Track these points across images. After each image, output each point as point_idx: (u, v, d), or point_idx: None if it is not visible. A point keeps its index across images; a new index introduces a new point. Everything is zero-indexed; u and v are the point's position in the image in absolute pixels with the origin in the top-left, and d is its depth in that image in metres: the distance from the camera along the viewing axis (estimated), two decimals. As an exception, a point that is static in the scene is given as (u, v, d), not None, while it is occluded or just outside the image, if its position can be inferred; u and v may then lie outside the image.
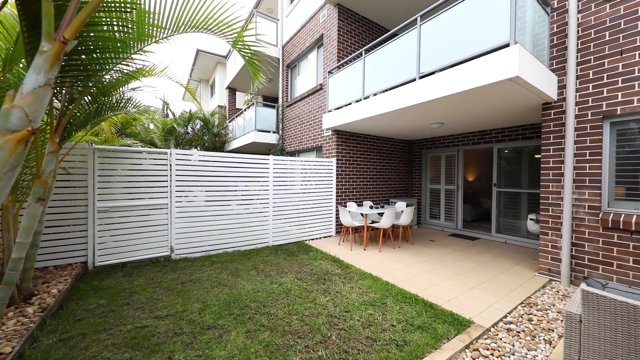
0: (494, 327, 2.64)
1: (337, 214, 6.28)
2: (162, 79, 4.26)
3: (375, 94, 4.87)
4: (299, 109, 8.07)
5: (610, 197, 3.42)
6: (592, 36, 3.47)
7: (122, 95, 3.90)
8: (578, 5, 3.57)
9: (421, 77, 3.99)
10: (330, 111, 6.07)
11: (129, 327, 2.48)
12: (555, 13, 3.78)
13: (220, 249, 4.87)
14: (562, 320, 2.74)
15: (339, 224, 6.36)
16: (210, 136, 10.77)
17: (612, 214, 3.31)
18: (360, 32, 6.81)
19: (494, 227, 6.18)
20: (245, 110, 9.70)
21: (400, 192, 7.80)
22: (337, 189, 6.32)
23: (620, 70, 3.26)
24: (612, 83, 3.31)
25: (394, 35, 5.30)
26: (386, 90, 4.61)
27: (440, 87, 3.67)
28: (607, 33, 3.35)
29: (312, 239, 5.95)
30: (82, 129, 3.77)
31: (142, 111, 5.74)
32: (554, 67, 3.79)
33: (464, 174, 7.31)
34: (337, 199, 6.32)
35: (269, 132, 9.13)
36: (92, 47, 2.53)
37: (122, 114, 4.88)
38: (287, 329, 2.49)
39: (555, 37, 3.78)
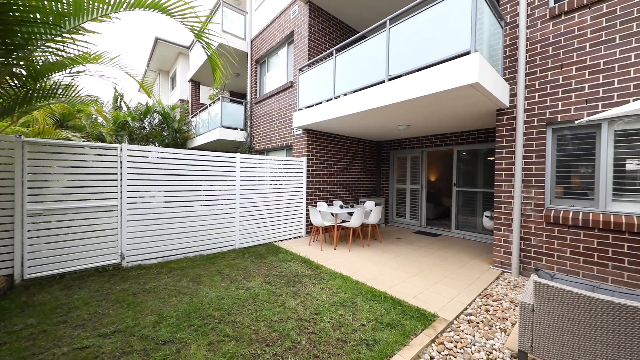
0: (456, 320, 2.78)
1: (308, 214, 6.21)
2: (115, 69, 3.76)
3: (345, 94, 4.88)
4: (269, 106, 7.83)
5: (552, 195, 3.82)
6: (538, 50, 3.84)
7: (58, 82, 3.37)
8: (527, 21, 3.93)
9: (390, 80, 4.08)
10: (300, 109, 5.97)
11: (65, 350, 2.13)
12: (508, 27, 4.12)
13: (181, 254, 4.50)
14: (514, 309, 2.98)
15: (309, 224, 6.29)
16: (170, 132, 9.98)
17: (553, 211, 3.70)
18: (331, 32, 6.82)
19: (453, 224, 6.60)
20: (210, 105, 9.17)
21: (369, 192, 7.98)
22: (307, 188, 6.24)
23: (560, 82, 3.65)
24: (554, 93, 3.70)
25: (364, 37, 5.38)
26: (357, 90, 4.65)
27: (407, 90, 3.78)
28: (550, 48, 3.73)
29: (281, 240, 5.80)
30: (7, 117, 3.18)
31: (88, 102, 5.08)
32: (507, 76, 4.14)
33: (427, 175, 7.71)
34: (307, 199, 6.24)
35: (236, 129, 8.73)
36: (11, 15, 2.10)
37: (61, 103, 4.25)
38: (254, 337, 2.34)
39: (507, 49, 4.13)
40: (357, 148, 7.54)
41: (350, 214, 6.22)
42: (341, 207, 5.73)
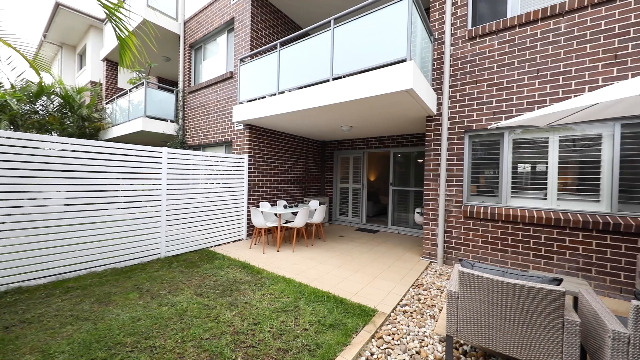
0: (393, 312, 2.91)
1: (249, 215, 5.83)
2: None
3: (290, 90, 4.73)
4: (205, 97, 7.11)
5: (468, 193, 4.41)
6: (459, 66, 4.38)
7: None
8: (451, 39, 4.44)
9: (334, 79, 4.09)
10: (242, 103, 5.56)
11: None
12: (436, 42, 4.59)
13: (85, 269, 3.65)
14: (440, 296, 3.30)
15: (250, 226, 5.92)
16: (75, 119, 8.17)
17: (469, 206, 4.27)
18: (276, 25, 6.57)
19: (390, 220, 7.12)
20: (130, 91, 7.83)
21: (313, 191, 8.00)
22: (249, 188, 5.86)
23: (475, 95, 4.24)
24: (471, 105, 4.27)
25: (307, 34, 5.32)
26: (301, 87, 4.54)
27: (350, 91, 3.85)
28: (468, 65, 4.30)
29: (219, 245, 5.29)
30: None
31: None
32: (435, 87, 4.61)
33: (368, 175, 8.15)
34: (249, 199, 5.86)
35: (165, 120, 7.68)
36: None
37: None
38: (179, 362, 2.00)
39: (436, 62, 4.60)
40: (302, 147, 7.47)
41: (295, 213, 6.10)
42: (285, 207, 5.55)
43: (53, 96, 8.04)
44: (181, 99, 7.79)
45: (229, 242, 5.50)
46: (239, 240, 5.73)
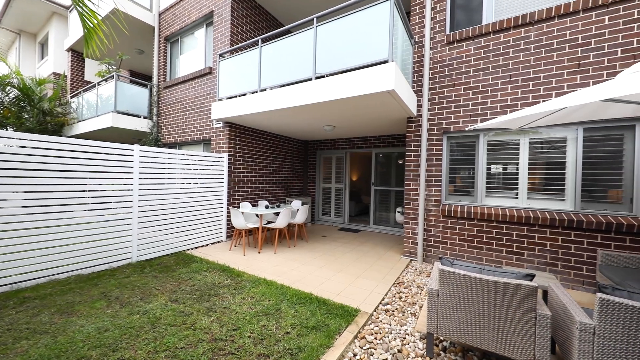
0: (375, 311, 2.93)
1: (229, 216, 5.65)
2: None
3: (272, 88, 4.62)
4: (182, 92, 6.80)
5: (446, 192, 4.55)
6: (438, 69, 4.51)
7: None
8: (430, 43, 4.56)
9: (317, 78, 4.06)
10: (221, 100, 5.36)
11: None
12: (416, 45, 4.70)
13: (44, 277, 3.34)
14: (420, 293, 3.37)
15: (230, 227, 5.73)
16: (35, 113, 7.50)
17: (447, 205, 4.41)
18: (257, 22, 6.42)
19: (371, 219, 7.21)
20: (99, 84, 7.32)
21: (296, 191, 7.92)
22: (229, 188, 5.67)
23: (453, 98, 4.38)
24: (449, 107, 4.41)
25: (290, 32, 5.25)
26: (284, 85, 4.46)
27: (333, 90, 3.83)
28: (446, 69, 4.43)
29: (196, 247, 5.07)
30: None
31: None
32: (415, 89, 4.71)
33: (350, 174, 8.21)
34: (229, 199, 5.67)
35: (138, 116, 7.25)
36: None
37: None
38: (151, 374, 1.86)
39: (416, 65, 4.71)
40: (285, 146, 7.36)
41: (277, 214, 5.99)
42: (267, 207, 5.43)
43: (9, 87, 7.33)
44: (155, 94, 7.40)
45: (207, 245, 5.29)
46: (219, 242, 5.53)
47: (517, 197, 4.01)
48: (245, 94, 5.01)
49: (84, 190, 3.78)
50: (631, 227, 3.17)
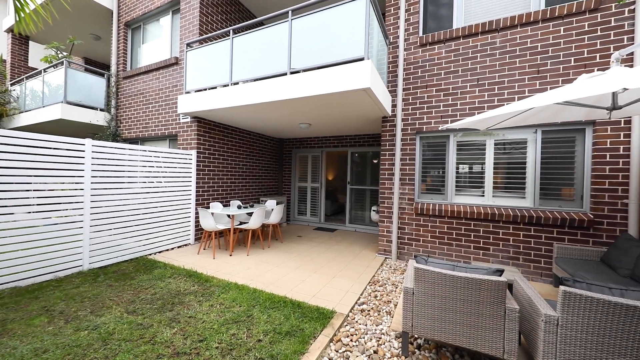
0: (351, 312, 2.88)
1: (198, 217, 5.30)
2: None
3: (245, 82, 4.40)
4: (145, 83, 6.27)
5: (419, 191, 4.66)
6: (412, 70, 4.60)
7: None
8: (404, 44, 4.64)
9: (292, 73, 3.92)
10: (188, 92, 5.01)
11: None
12: (391, 46, 4.75)
13: (-31, 292, 2.84)
14: (395, 291, 3.39)
15: (199, 229, 5.39)
16: (-36, 101, 6.48)
17: (419, 204, 4.51)
18: (229, 12, 6.10)
19: (347, 218, 7.23)
20: (46, 71, 6.51)
21: (271, 190, 7.69)
22: (197, 187, 5.32)
23: (425, 99, 4.49)
24: (421, 108, 4.52)
25: (262, 24, 5.05)
26: (257, 79, 4.26)
27: (308, 86, 3.72)
28: (419, 70, 4.53)
29: (160, 252, 4.68)
30: None
31: None
32: (390, 89, 4.77)
33: (326, 173, 8.16)
34: (198, 200, 5.32)
35: (94, 108, 6.56)
36: None
37: None
38: (98, 401, 1.62)
39: (390, 65, 4.76)
40: (259, 144, 7.11)
41: (250, 214, 5.75)
42: (239, 207, 5.18)
43: None
44: (114, 84, 6.74)
45: (173, 248, 4.92)
46: (186, 245, 5.17)
47: (483, 195, 4.21)
48: (215, 87, 4.72)
49: (28, 190, 3.31)
50: (582, 222, 3.46)
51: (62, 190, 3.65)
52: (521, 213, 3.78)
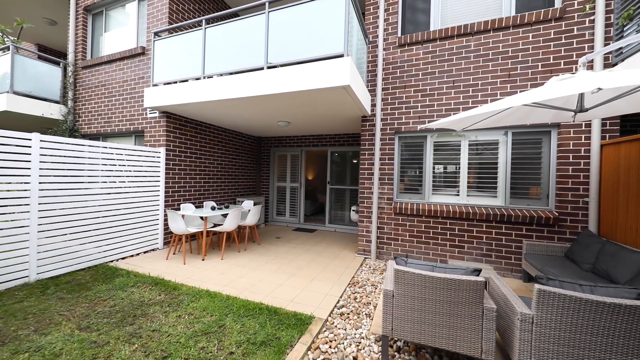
0: (330, 316, 2.78)
1: (167, 220, 4.94)
2: None
3: (220, 75, 4.15)
4: (107, 74, 5.75)
5: (397, 191, 4.68)
6: (390, 70, 4.61)
7: None
8: (383, 44, 4.64)
9: (269, 68, 3.75)
10: (156, 85, 4.65)
11: None
12: (370, 45, 4.73)
13: None
14: (375, 292, 3.34)
15: (169, 233, 5.03)
16: None
17: (398, 203, 4.53)
18: (202, 1, 5.77)
19: (327, 218, 7.15)
20: (-11, 55, 5.76)
21: (248, 190, 7.42)
22: (167, 187, 4.96)
23: (404, 99, 4.52)
24: (400, 108, 4.54)
25: (237, 15, 4.82)
26: (233, 73, 4.04)
27: (286, 82, 3.57)
28: (398, 70, 4.55)
29: (123, 258, 4.30)
30: None
31: None
32: (369, 88, 4.74)
33: (306, 173, 8.03)
34: (167, 201, 4.96)
35: (47, 100, 5.92)
36: None
37: None
38: None
39: (370, 65, 4.74)
40: (235, 142, 6.82)
41: (225, 215, 5.48)
42: (213, 208, 4.90)
43: None
44: (72, 74, 6.12)
45: (139, 254, 4.54)
46: (154, 250, 4.80)
47: (458, 195, 4.32)
48: (186, 80, 4.41)
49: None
50: (548, 220, 3.65)
51: (8, 190, 3.20)
52: (493, 212, 3.91)
